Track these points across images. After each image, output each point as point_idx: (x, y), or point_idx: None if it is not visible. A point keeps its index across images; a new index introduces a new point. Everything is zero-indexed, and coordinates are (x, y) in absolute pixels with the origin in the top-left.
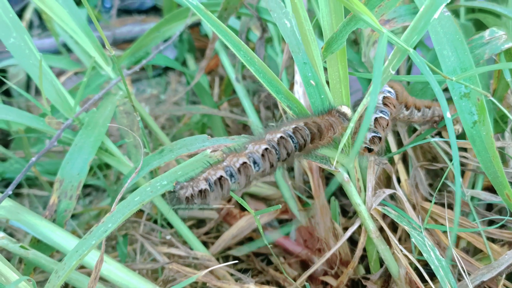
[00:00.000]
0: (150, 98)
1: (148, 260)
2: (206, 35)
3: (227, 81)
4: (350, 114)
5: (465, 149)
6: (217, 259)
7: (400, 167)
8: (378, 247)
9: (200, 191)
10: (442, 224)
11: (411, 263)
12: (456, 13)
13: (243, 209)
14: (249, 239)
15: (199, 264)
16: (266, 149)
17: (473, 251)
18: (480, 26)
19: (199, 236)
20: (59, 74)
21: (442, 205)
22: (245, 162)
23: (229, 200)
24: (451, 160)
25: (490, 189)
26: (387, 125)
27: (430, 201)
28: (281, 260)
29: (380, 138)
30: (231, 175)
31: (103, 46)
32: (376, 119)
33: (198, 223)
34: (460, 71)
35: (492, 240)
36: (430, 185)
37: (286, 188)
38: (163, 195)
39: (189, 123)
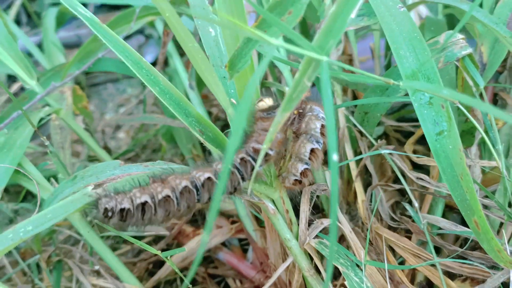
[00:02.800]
0: (130, 99)
1: None
2: None
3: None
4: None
5: (426, 167)
6: (167, 282)
7: (358, 185)
8: (314, 286)
9: (122, 210)
10: (400, 256)
11: None
12: (434, 8)
13: (198, 225)
14: (206, 258)
15: None
16: (185, 187)
17: (431, 286)
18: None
19: (148, 258)
20: None
21: (407, 230)
22: (168, 196)
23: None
24: (409, 178)
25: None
26: (321, 157)
27: (390, 227)
28: (237, 284)
29: (310, 171)
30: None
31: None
32: (312, 150)
33: (156, 239)
34: (420, 74)
35: (451, 275)
36: (397, 205)
37: (242, 206)
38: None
39: (158, 130)
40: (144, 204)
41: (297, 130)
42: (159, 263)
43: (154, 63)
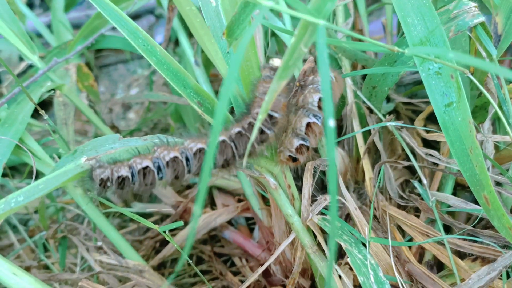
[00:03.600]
0: (139, 79)
1: (85, 266)
2: None
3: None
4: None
5: (437, 145)
6: (173, 261)
7: (366, 162)
8: (317, 263)
9: (119, 177)
10: (408, 234)
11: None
12: None
13: (205, 204)
14: (213, 237)
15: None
16: (201, 149)
17: (441, 266)
18: None
19: (155, 236)
20: None
21: (416, 209)
22: (176, 157)
23: (186, 195)
24: (419, 156)
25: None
26: (320, 132)
27: (399, 205)
28: (243, 262)
29: (308, 148)
30: (159, 168)
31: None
32: (308, 124)
33: (162, 218)
34: (429, 43)
35: (461, 255)
36: (407, 184)
37: (248, 184)
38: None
39: (166, 109)
40: (145, 169)
41: (296, 103)
42: (166, 242)
43: (164, 41)
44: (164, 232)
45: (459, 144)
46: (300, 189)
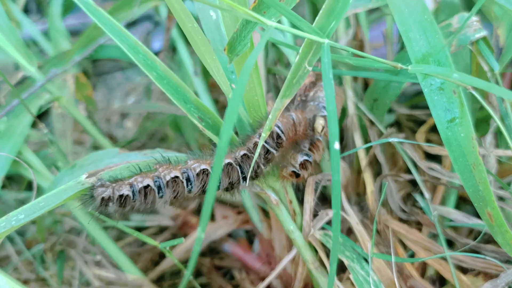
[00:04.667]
0: (137, 88)
1: (83, 279)
2: None
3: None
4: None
5: (439, 157)
6: (173, 274)
7: (367, 176)
8: (318, 279)
9: (121, 196)
10: (410, 249)
11: None
12: None
13: None
14: (212, 250)
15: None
16: (204, 170)
17: (443, 281)
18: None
19: (153, 248)
20: None
21: (418, 223)
22: (177, 177)
23: (185, 207)
24: (421, 169)
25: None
26: (323, 148)
27: (401, 219)
28: (243, 276)
29: (311, 163)
30: (159, 187)
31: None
32: (311, 141)
33: (161, 229)
34: (431, 58)
35: (464, 269)
36: (408, 197)
37: (248, 196)
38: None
39: (165, 118)
40: (146, 188)
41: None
42: (164, 254)
43: (162, 51)
44: (165, 248)
45: (462, 160)
46: (300, 201)
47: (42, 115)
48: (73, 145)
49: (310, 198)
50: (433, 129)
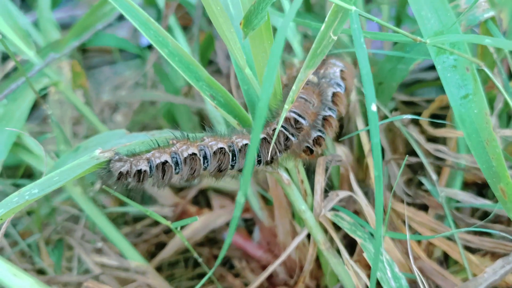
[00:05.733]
0: (126, 82)
1: (82, 268)
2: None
3: (205, 41)
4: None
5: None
6: (170, 264)
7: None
8: (330, 260)
9: (139, 171)
10: (416, 230)
11: None
12: None
13: (201, 206)
14: (210, 240)
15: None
16: (221, 149)
17: (450, 261)
18: None
19: (150, 239)
20: None
21: (421, 206)
22: (194, 154)
23: (184, 196)
24: (427, 151)
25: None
26: (336, 125)
27: (406, 202)
28: (243, 264)
29: (324, 140)
30: (176, 163)
31: None
32: (324, 117)
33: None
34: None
35: (472, 250)
36: (410, 181)
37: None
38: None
39: (159, 110)
40: (164, 164)
41: None
42: (162, 245)
43: None
44: (176, 228)
45: (475, 136)
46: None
47: (37, 104)
48: (71, 132)
49: (321, 178)
50: (433, 116)
